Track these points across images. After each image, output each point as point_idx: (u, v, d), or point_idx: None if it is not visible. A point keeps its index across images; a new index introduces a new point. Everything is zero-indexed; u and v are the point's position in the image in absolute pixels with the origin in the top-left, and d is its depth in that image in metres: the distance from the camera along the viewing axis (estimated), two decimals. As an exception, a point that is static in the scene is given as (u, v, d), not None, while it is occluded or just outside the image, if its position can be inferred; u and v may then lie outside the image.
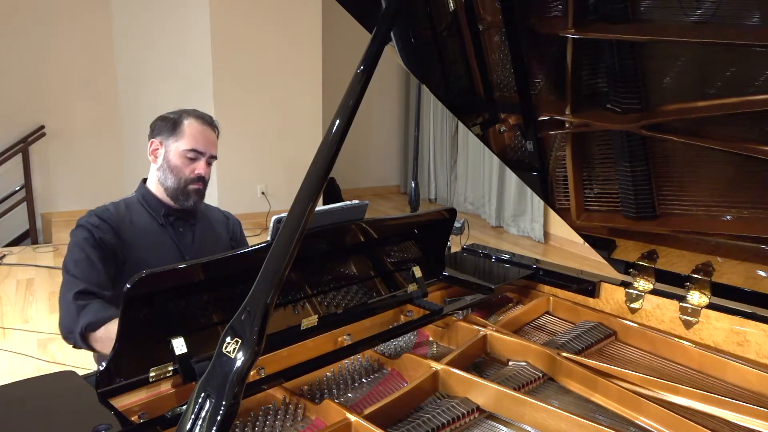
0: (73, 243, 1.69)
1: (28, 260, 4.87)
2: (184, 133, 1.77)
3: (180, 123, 1.78)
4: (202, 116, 1.82)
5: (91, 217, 1.72)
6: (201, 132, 1.78)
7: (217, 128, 1.86)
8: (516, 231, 5.95)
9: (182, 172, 1.77)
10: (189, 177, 1.78)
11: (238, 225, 2.05)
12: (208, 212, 1.98)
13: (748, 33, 1.05)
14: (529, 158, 1.64)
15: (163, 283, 1.14)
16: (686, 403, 1.23)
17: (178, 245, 1.81)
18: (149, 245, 1.76)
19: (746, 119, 1.17)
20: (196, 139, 1.77)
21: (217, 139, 1.85)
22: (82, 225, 1.71)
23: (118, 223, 1.74)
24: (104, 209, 1.77)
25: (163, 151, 1.79)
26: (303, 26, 5.97)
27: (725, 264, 1.43)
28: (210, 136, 1.81)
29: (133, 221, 1.78)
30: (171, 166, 1.77)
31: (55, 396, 1.10)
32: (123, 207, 1.80)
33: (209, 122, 1.83)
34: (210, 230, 1.92)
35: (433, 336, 1.54)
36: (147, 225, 1.79)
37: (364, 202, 1.44)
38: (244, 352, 0.86)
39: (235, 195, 5.65)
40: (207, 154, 1.79)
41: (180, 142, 1.77)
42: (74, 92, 5.81)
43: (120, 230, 1.73)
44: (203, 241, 1.87)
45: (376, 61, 1.14)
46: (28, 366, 3.15)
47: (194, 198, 1.80)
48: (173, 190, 1.79)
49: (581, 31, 1.27)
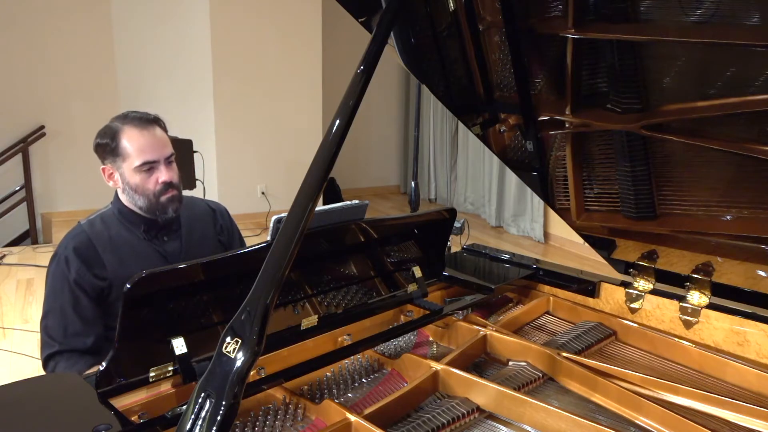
0: (50, 282, 1.64)
1: (28, 260, 4.87)
2: (127, 149, 1.63)
3: (118, 140, 1.64)
4: (138, 119, 1.66)
5: (67, 251, 1.63)
6: (143, 139, 1.63)
7: (161, 122, 1.71)
8: (516, 231, 5.95)
9: (146, 188, 1.65)
10: (156, 190, 1.65)
11: (225, 216, 1.94)
12: (193, 208, 1.86)
13: (748, 33, 1.05)
14: (529, 158, 1.64)
15: (162, 284, 1.14)
16: (686, 403, 1.23)
17: (164, 256, 1.73)
18: (134, 261, 1.66)
19: (746, 119, 1.17)
20: (142, 149, 1.63)
21: (166, 133, 1.70)
22: (58, 259, 1.64)
23: (95, 243, 1.65)
24: (80, 233, 1.67)
25: (118, 176, 1.68)
26: (303, 26, 5.97)
27: (725, 264, 1.43)
28: (155, 138, 1.65)
29: (113, 237, 1.68)
30: (132, 186, 1.66)
31: (55, 396, 1.10)
32: (99, 224, 1.70)
33: (148, 122, 1.66)
34: (196, 231, 1.83)
35: (433, 336, 1.54)
36: (128, 240, 1.70)
37: (364, 202, 1.44)
38: (244, 352, 0.86)
39: (235, 195, 5.64)
40: (161, 158, 1.65)
41: (128, 161, 1.64)
42: (74, 92, 5.81)
43: (98, 251, 1.65)
44: (191, 245, 1.78)
45: (376, 61, 1.14)
46: (28, 366, 3.15)
47: (172, 207, 1.69)
48: (148, 208, 1.68)
49: (581, 31, 1.27)
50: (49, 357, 1.60)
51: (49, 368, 1.60)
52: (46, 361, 1.61)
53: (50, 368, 1.59)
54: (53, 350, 1.59)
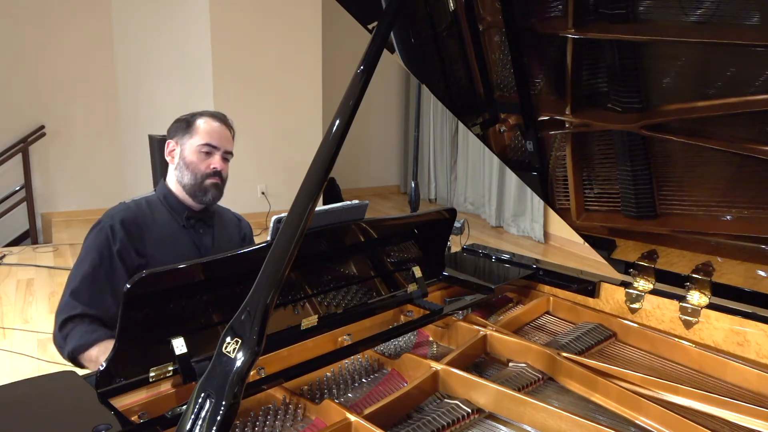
0: (88, 247, 1.66)
1: (28, 260, 4.87)
2: (198, 130, 1.79)
3: (193, 121, 1.81)
4: (215, 114, 1.85)
5: (114, 220, 1.68)
6: (214, 128, 1.81)
7: (232, 128, 1.88)
8: (516, 231, 5.95)
9: (198, 167, 1.78)
10: (205, 172, 1.78)
11: (248, 228, 2.05)
12: (223, 213, 1.98)
13: (748, 33, 1.05)
14: (529, 158, 1.64)
15: (163, 283, 1.14)
16: (686, 403, 1.23)
17: (198, 247, 1.81)
18: (170, 246, 1.75)
19: (746, 119, 1.17)
20: (210, 134, 1.79)
21: (232, 137, 1.87)
22: (103, 227, 1.68)
23: (140, 220, 1.73)
24: (126, 208, 1.74)
25: (179, 150, 1.81)
26: (303, 26, 5.97)
27: (725, 264, 1.43)
28: (224, 132, 1.83)
29: (156, 220, 1.77)
30: (187, 162, 1.78)
31: (55, 396, 1.10)
32: (144, 205, 1.79)
33: (223, 119, 1.85)
34: (225, 232, 1.92)
35: (433, 336, 1.54)
36: (168, 225, 1.79)
37: (364, 202, 1.44)
38: (244, 352, 0.86)
39: (235, 195, 5.59)
40: (221, 149, 1.81)
41: (194, 139, 1.79)
42: (74, 92, 5.81)
43: (141, 227, 1.72)
44: (221, 243, 1.87)
45: (376, 61, 1.14)
46: (28, 366, 3.15)
47: (212, 192, 1.80)
48: (191, 187, 1.78)
49: (581, 31, 1.27)
50: (68, 319, 1.58)
51: (64, 331, 1.57)
52: (63, 323, 1.58)
53: (66, 331, 1.56)
54: (74, 312, 1.58)
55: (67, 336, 1.57)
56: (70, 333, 1.57)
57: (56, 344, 1.61)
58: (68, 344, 1.55)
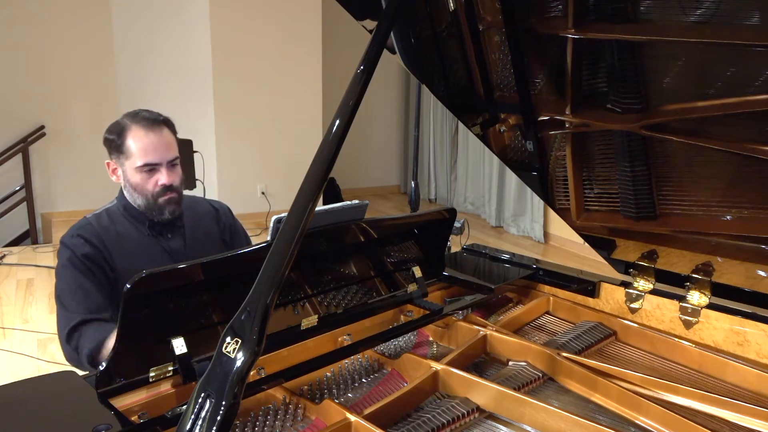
0: (60, 266, 1.64)
1: (28, 260, 4.87)
2: (131, 149, 1.65)
3: (124, 138, 1.65)
4: (144, 120, 1.66)
5: (74, 237, 1.65)
6: (148, 141, 1.64)
7: (169, 123, 1.71)
8: (516, 231, 5.95)
9: (145, 188, 1.67)
10: (154, 191, 1.67)
11: (228, 215, 1.95)
12: (196, 207, 1.88)
13: (748, 33, 1.05)
14: (529, 158, 1.64)
15: (162, 283, 1.14)
16: (686, 403, 1.23)
17: (169, 252, 1.75)
18: (139, 256, 1.69)
19: (746, 119, 1.17)
20: (146, 151, 1.64)
21: (173, 136, 1.71)
22: (64, 244, 1.65)
23: (102, 236, 1.67)
24: (86, 224, 1.69)
25: (121, 172, 1.70)
26: (303, 26, 5.97)
27: (725, 264, 1.43)
28: (160, 141, 1.66)
29: (119, 232, 1.70)
30: (132, 185, 1.68)
31: (55, 396, 1.10)
32: (105, 218, 1.72)
33: (156, 123, 1.67)
34: (199, 229, 1.84)
35: (433, 336, 1.54)
36: (133, 235, 1.72)
37: (364, 202, 1.44)
38: (244, 352, 0.86)
39: (235, 195, 5.64)
40: (164, 161, 1.66)
41: (131, 159, 1.65)
42: (74, 92, 5.81)
43: (105, 243, 1.66)
44: (194, 243, 1.80)
45: (376, 61, 1.14)
46: (28, 366, 3.15)
47: (169, 209, 1.70)
48: (146, 207, 1.70)
49: (581, 31, 1.27)
50: (72, 330, 1.55)
51: (72, 343, 1.54)
52: (68, 336, 1.55)
53: (74, 341, 1.54)
54: (74, 322, 1.55)
55: (77, 346, 1.55)
56: (79, 342, 1.54)
57: (71, 360, 1.59)
58: (82, 352, 1.53)
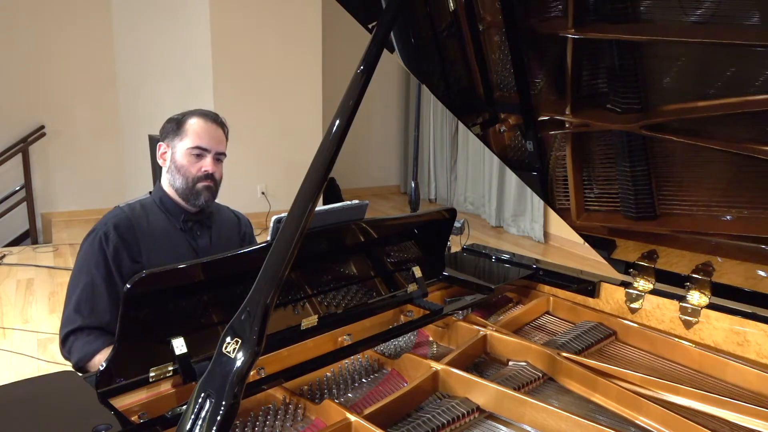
0: (83, 257, 1.66)
1: (28, 260, 4.87)
2: (188, 132, 1.75)
3: (183, 122, 1.77)
4: (206, 114, 1.81)
5: (107, 226, 1.67)
6: (205, 129, 1.76)
7: (225, 126, 1.84)
8: (516, 231, 5.95)
9: (189, 171, 1.75)
10: (196, 175, 1.75)
11: (248, 226, 2.02)
12: (220, 213, 1.95)
13: (748, 33, 1.05)
14: (529, 158, 1.64)
15: (163, 283, 1.14)
16: (686, 403, 1.23)
17: (195, 249, 1.79)
18: (166, 249, 1.73)
19: (746, 119, 1.17)
20: (200, 136, 1.75)
21: (225, 137, 1.83)
22: (96, 235, 1.66)
23: (135, 227, 1.70)
24: (120, 213, 1.73)
25: (170, 153, 1.78)
26: (303, 26, 5.97)
27: (725, 264, 1.43)
28: (215, 133, 1.78)
29: (150, 223, 1.75)
30: (178, 166, 1.75)
31: (55, 396, 1.10)
32: (139, 209, 1.77)
33: (214, 119, 1.81)
34: (223, 232, 1.90)
35: (433, 336, 1.54)
36: (164, 228, 1.76)
37: (364, 202, 1.44)
38: (244, 352, 0.86)
39: (235, 195, 5.61)
40: (213, 151, 1.77)
41: (184, 141, 1.75)
42: (74, 92, 5.81)
43: (136, 232, 1.70)
44: (219, 244, 1.85)
45: (376, 61, 1.14)
46: (28, 366, 3.15)
47: (205, 196, 1.77)
48: (183, 191, 1.76)
49: (581, 31, 1.27)
50: (69, 333, 1.59)
51: (67, 346, 1.59)
52: (65, 337, 1.60)
53: (68, 345, 1.59)
54: (74, 326, 1.59)
55: (70, 350, 1.59)
56: (71, 347, 1.59)
57: (63, 356, 1.63)
58: (72, 358, 1.58)
